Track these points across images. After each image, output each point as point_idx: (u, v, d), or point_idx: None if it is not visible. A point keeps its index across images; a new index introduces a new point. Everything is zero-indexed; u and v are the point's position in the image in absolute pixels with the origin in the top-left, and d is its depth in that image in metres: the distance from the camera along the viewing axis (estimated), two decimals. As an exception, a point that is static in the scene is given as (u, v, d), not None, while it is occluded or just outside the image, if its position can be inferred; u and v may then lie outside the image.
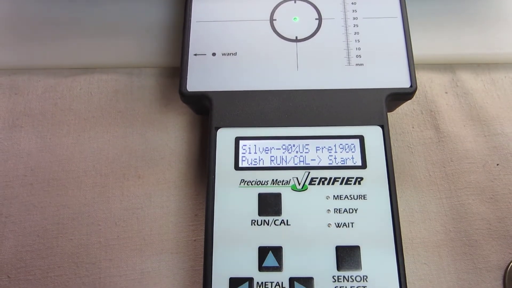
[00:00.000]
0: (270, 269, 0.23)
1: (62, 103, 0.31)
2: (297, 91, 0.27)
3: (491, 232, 0.28)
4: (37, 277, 0.27)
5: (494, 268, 0.27)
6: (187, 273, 0.27)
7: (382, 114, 0.26)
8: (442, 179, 0.29)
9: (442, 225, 0.28)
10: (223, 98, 0.27)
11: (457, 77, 0.32)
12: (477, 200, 0.28)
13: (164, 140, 0.30)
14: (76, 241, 0.28)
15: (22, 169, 0.29)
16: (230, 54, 0.28)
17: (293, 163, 0.25)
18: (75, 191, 0.29)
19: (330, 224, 0.24)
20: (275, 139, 0.26)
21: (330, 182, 0.25)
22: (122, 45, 0.32)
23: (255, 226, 0.24)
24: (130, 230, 0.28)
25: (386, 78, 0.27)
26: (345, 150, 0.26)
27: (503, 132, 0.30)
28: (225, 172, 0.25)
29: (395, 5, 0.29)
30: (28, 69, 0.32)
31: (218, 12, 0.29)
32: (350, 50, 0.28)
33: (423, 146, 0.30)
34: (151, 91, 0.32)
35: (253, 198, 0.25)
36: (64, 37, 0.33)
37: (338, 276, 0.23)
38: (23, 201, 0.29)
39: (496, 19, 0.33)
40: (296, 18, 0.29)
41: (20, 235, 0.28)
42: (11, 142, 0.30)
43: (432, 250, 0.27)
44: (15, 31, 0.33)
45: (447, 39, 0.32)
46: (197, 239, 0.28)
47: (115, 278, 0.27)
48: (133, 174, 0.29)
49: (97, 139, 0.30)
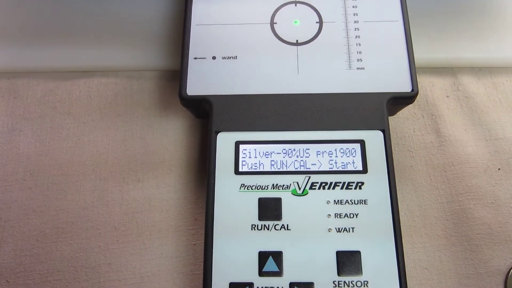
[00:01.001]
0: (270, 274, 0.23)
1: (61, 107, 0.31)
2: (297, 95, 0.27)
3: (492, 237, 0.28)
4: (36, 282, 0.27)
5: (495, 273, 0.27)
6: (187, 277, 0.27)
7: (383, 118, 0.26)
8: (443, 184, 0.29)
9: (443, 230, 0.28)
10: (223, 102, 0.27)
11: (459, 81, 0.32)
12: (478, 205, 0.28)
13: (163, 143, 0.30)
14: (75, 245, 0.28)
15: (21, 173, 0.29)
16: (230, 58, 0.28)
17: (293, 167, 0.25)
18: (74, 195, 0.29)
19: (331, 229, 0.24)
20: (275, 143, 0.26)
21: (331, 186, 0.25)
22: (122, 48, 0.32)
23: (255, 231, 0.24)
24: (130, 234, 0.28)
25: (387, 82, 0.27)
26: (345, 154, 0.25)
27: (505, 136, 0.30)
28: (225, 177, 0.25)
29: (396, 8, 0.29)
30: (27, 73, 0.32)
31: (218, 16, 0.29)
32: (351, 54, 0.28)
33: (424, 150, 0.30)
34: (150, 95, 0.32)
35: (253, 203, 0.25)
36: (64, 40, 0.33)
37: (338, 281, 0.23)
38: (22, 205, 0.29)
39: (497, 23, 0.33)
40: (296, 22, 0.29)
41: (19, 240, 0.28)
42: (10, 146, 0.30)
43: (433, 254, 0.27)
44: (14, 35, 0.33)
45: (448, 43, 0.32)
46: (196, 243, 0.28)
47: (114, 283, 0.27)
48: (132, 178, 0.29)
49: (96, 142, 0.30)
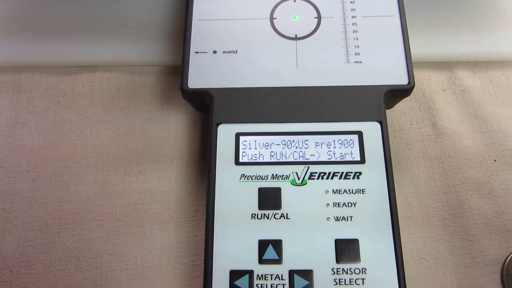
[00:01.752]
0: (270, 261, 0.24)
1: (64, 101, 0.32)
2: (296, 88, 0.27)
3: (488, 226, 0.28)
4: (39, 272, 0.27)
5: (492, 262, 0.27)
6: (188, 267, 0.27)
7: (380, 110, 0.26)
8: (440, 175, 0.29)
9: (441, 220, 0.28)
10: (224, 95, 0.27)
11: (455, 75, 0.32)
12: (475, 196, 0.29)
13: (165, 137, 0.31)
14: (78, 236, 0.28)
15: (25, 165, 0.30)
16: (230, 52, 0.28)
17: (292, 158, 0.26)
18: (77, 187, 0.29)
19: (329, 218, 0.24)
20: (275, 134, 0.26)
21: (329, 176, 0.25)
22: (124, 43, 0.33)
23: (255, 220, 0.24)
24: (132, 225, 0.28)
25: (384, 75, 0.27)
26: (344, 145, 0.26)
27: (500, 128, 0.31)
28: (226, 167, 0.26)
29: (393, 4, 0.30)
30: (31, 67, 0.33)
31: (219, 11, 0.30)
32: (348, 48, 0.28)
33: (421, 143, 0.30)
34: (152, 89, 0.32)
35: (253, 193, 0.25)
36: (67, 35, 0.33)
37: (337, 269, 0.23)
38: (25, 196, 0.29)
39: (493, 18, 0.34)
40: (295, 17, 0.29)
41: (23, 230, 0.28)
42: (14, 139, 0.31)
43: (431, 244, 0.28)
44: (18, 30, 0.33)
45: (445, 38, 0.33)
46: (197, 234, 0.28)
47: (116, 273, 0.27)
48: (134, 170, 0.30)
49: (99, 136, 0.31)
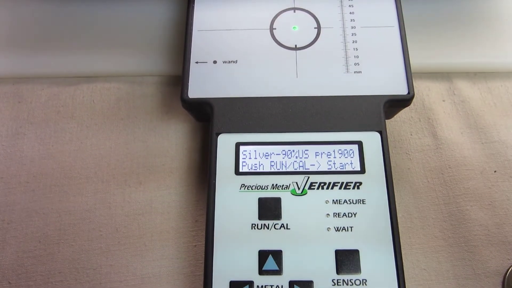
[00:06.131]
0: (270, 272, 0.23)
1: (65, 111, 0.32)
2: (296, 98, 0.27)
3: (489, 238, 0.28)
4: (38, 283, 0.27)
5: (493, 273, 0.27)
6: (188, 278, 0.27)
7: (380, 120, 0.26)
8: (440, 186, 0.29)
9: (441, 231, 0.28)
10: (224, 105, 0.27)
11: (454, 86, 0.33)
12: (475, 207, 0.29)
13: (165, 147, 0.31)
14: (77, 247, 0.28)
15: (25, 175, 0.30)
16: (231, 62, 0.29)
17: (292, 168, 0.26)
18: (76, 197, 0.29)
19: (330, 228, 0.24)
20: (275, 144, 0.26)
21: (329, 186, 0.25)
22: (124, 54, 0.33)
23: (255, 230, 0.24)
24: (131, 236, 0.28)
25: (384, 85, 0.27)
26: (344, 155, 0.26)
27: (500, 139, 0.31)
28: (226, 177, 0.26)
29: (392, 14, 0.30)
30: (32, 78, 0.33)
31: (219, 21, 0.30)
32: (348, 58, 0.28)
33: (421, 153, 0.30)
34: (152, 99, 0.32)
35: (253, 203, 0.25)
36: (67, 46, 0.33)
37: (337, 279, 0.23)
38: (25, 207, 0.29)
39: (492, 28, 0.34)
40: (295, 27, 0.30)
41: (22, 241, 0.28)
42: (14, 149, 0.31)
43: (431, 255, 0.27)
44: (19, 41, 0.34)
45: (444, 48, 0.33)
46: (197, 245, 0.28)
47: (115, 284, 0.27)
48: (134, 180, 0.30)
49: (99, 146, 0.31)
